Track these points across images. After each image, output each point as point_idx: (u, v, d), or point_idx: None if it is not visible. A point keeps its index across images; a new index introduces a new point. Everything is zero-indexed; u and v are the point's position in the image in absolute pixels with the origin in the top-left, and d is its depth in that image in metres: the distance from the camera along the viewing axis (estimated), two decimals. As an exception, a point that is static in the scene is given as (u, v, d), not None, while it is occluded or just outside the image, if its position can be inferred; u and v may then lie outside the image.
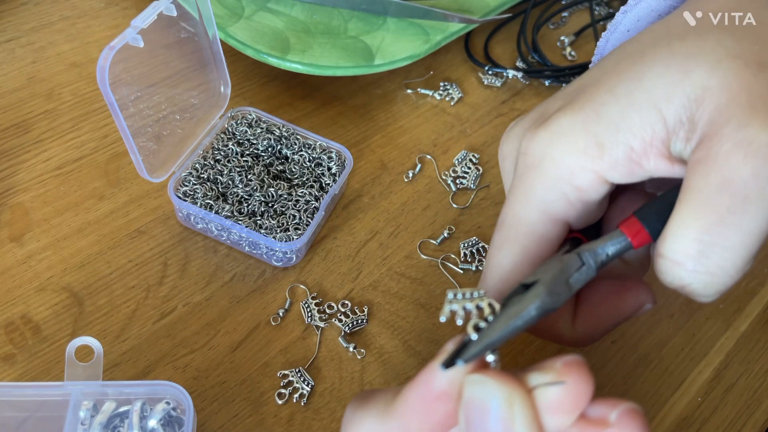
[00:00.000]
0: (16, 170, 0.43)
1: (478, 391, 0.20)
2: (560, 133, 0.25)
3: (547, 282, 0.22)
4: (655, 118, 0.23)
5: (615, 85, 0.24)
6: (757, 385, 0.40)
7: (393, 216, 0.44)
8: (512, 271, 0.26)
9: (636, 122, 0.23)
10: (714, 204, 0.21)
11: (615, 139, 0.24)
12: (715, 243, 0.21)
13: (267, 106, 0.48)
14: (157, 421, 0.31)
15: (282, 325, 0.39)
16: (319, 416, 0.36)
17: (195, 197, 0.40)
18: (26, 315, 0.37)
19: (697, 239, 0.22)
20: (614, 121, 0.24)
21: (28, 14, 0.51)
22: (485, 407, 0.20)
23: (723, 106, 0.22)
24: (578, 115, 0.24)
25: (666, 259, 0.22)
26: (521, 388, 0.20)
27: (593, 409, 0.20)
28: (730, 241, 0.21)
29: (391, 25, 0.49)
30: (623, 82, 0.24)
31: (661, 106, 0.23)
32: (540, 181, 0.25)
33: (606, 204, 0.27)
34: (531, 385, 0.20)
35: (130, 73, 0.37)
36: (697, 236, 0.22)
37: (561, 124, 0.25)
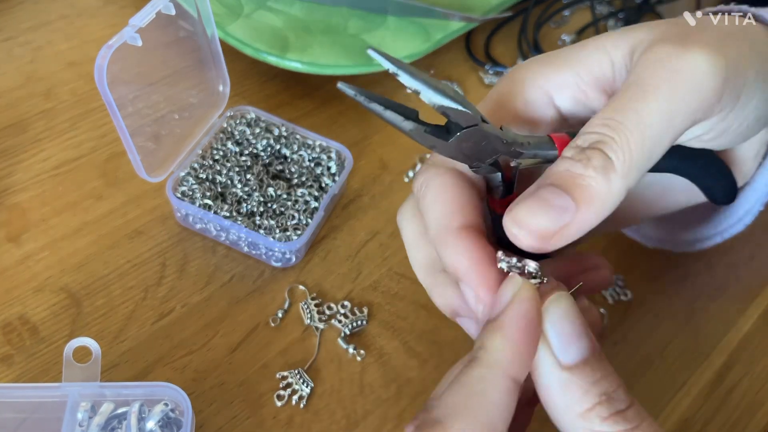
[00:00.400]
0: (14, 170, 0.43)
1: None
2: (527, 63, 0.29)
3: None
4: (603, 57, 0.27)
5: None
6: (759, 386, 0.40)
7: (393, 216, 0.44)
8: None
9: (587, 57, 0.28)
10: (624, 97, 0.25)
11: (568, 66, 0.28)
12: (616, 124, 0.24)
13: (266, 106, 0.48)
14: (155, 422, 0.31)
15: (281, 326, 0.38)
16: (318, 418, 0.36)
17: (193, 197, 0.40)
18: (24, 316, 0.37)
19: (603, 119, 0.24)
20: (569, 56, 0.28)
21: (25, 13, 0.51)
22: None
23: (655, 41, 0.26)
24: (546, 56, 0.29)
25: (577, 137, 0.25)
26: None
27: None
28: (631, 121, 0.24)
29: (391, 24, 0.49)
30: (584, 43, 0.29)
31: (608, 49, 0.27)
32: (499, 86, 0.29)
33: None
34: None
35: (129, 72, 0.36)
36: (603, 118, 0.24)
37: (531, 60, 0.30)
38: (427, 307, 0.40)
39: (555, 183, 0.24)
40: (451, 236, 0.26)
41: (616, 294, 0.42)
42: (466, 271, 0.25)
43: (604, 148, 0.23)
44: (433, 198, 0.27)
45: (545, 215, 0.23)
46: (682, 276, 0.44)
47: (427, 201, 0.27)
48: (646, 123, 0.24)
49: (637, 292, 0.42)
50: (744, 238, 0.46)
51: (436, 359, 0.38)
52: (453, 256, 0.26)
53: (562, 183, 0.23)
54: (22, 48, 0.49)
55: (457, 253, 0.25)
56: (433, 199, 0.27)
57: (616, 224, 0.37)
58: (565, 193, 0.23)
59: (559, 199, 0.23)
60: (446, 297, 0.29)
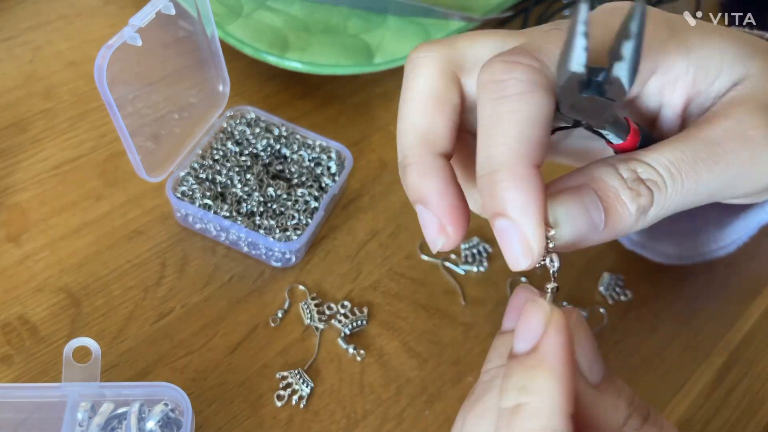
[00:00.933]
0: (14, 170, 0.43)
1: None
2: None
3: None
4: (684, 61, 0.26)
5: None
6: (759, 386, 0.40)
7: (393, 216, 0.44)
8: None
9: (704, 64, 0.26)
10: (696, 150, 0.24)
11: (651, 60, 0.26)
12: (677, 176, 0.24)
13: (266, 105, 0.48)
14: (155, 422, 0.31)
15: (281, 326, 0.38)
16: (318, 418, 0.36)
17: (193, 197, 0.40)
18: (23, 316, 0.37)
19: (669, 163, 0.24)
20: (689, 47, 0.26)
21: (25, 13, 0.51)
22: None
23: (746, 97, 0.25)
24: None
25: (639, 162, 0.24)
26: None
27: None
28: (689, 181, 0.24)
29: (391, 24, 0.49)
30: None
31: (692, 57, 0.26)
32: None
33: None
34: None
35: (128, 72, 0.36)
36: (670, 161, 0.24)
37: None
38: (427, 307, 0.40)
39: (601, 196, 0.23)
40: (525, 177, 0.22)
41: (615, 294, 0.42)
42: (524, 214, 0.22)
43: (656, 193, 0.23)
44: (516, 116, 0.22)
45: (581, 224, 0.23)
46: (682, 276, 0.44)
47: (504, 112, 0.22)
48: (701, 190, 0.24)
49: (637, 292, 0.42)
50: (744, 238, 0.46)
51: (436, 359, 0.38)
52: (518, 198, 0.22)
53: (605, 199, 0.23)
54: (21, 48, 0.49)
55: (524, 198, 0.22)
56: (516, 117, 0.22)
57: None
58: (604, 211, 0.23)
59: (596, 213, 0.23)
60: (423, 181, 0.25)
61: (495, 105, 0.22)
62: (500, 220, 0.22)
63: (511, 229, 0.22)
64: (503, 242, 0.23)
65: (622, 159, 0.24)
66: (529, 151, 0.22)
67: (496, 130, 0.22)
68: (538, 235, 0.22)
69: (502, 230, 0.22)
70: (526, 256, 0.22)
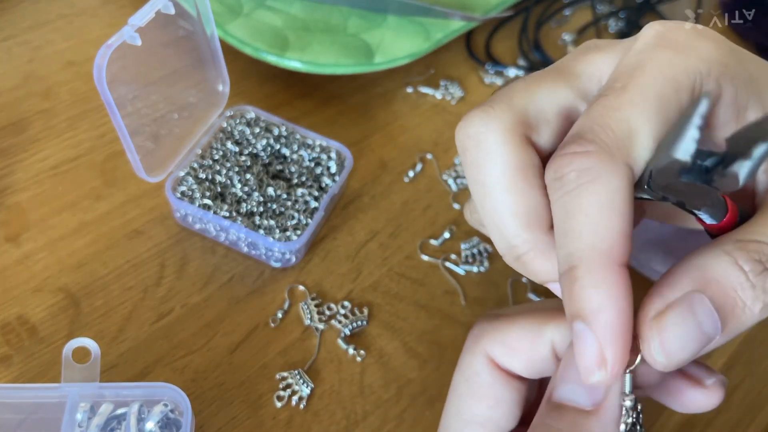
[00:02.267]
0: (13, 170, 0.42)
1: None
2: None
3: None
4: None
5: None
6: (760, 387, 0.40)
7: (393, 216, 0.44)
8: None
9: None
10: None
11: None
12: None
13: (266, 105, 0.48)
14: (154, 423, 0.31)
15: (281, 327, 0.38)
16: (318, 419, 0.35)
17: (193, 197, 0.40)
18: (22, 316, 0.37)
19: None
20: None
21: (25, 12, 0.51)
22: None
23: None
24: None
25: (763, 245, 0.20)
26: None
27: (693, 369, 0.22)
28: None
29: (391, 23, 0.49)
30: None
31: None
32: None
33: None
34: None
35: (128, 71, 0.36)
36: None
37: None
38: (427, 307, 0.40)
39: (714, 299, 0.19)
40: (606, 274, 0.19)
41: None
42: (608, 323, 0.19)
43: None
44: (585, 209, 0.19)
45: (693, 342, 0.19)
46: (683, 276, 0.43)
47: (572, 207, 0.20)
48: None
49: (638, 292, 0.42)
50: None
51: (436, 360, 0.38)
52: (597, 299, 0.19)
53: (720, 301, 0.19)
54: (20, 47, 0.49)
55: (604, 299, 0.19)
56: (585, 210, 0.19)
57: None
58: (719, 316, 0.19)
59: (710, 323, 0.19)
60: (551, 262, 0.22)
61: (562, 202, 0.20)
62: (578, 323, 0.20)
63: (588, 336, 0.19)
64: (579, 349, 0.20)
65: (739, 244, 0.20)
66: (609, 242, 0.19)
67: (570, 226, 0.20)
68: (621, 351, 0.19)
69: (579, 334, 0.20)
70: (599, 367, 0.19)
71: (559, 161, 0.20)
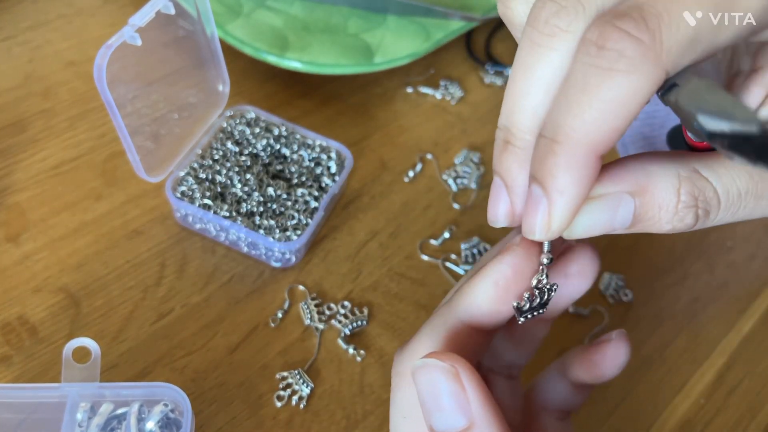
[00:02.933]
0: (13, 170, 0.42)
1: (425, 375, 0.21)
2: None
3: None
4: None
5: None
6: (760, 386, 0.40)
7: (393, 216, 0.44)
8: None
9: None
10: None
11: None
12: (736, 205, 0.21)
13: (266, 105, 0.48)
14: (154, 423, 0.31)
15: (281, 327, 0.38)
16: (318, 418, 0.35)
17: (193, 197, 0.40)
18: (23, 316, 0.37)
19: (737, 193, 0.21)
20: None
21: (24, 12, 0.51)
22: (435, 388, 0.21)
23: None
24: None
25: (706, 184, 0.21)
26: (464, 361, 0.21)
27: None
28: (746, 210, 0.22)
29: (391, 23, 0.49)
30: None
31: None
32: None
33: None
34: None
35: (128, 71, 0.36)
36: (740, 190, 0.21)
37: None
38: (427, 307, 0.40)
39: (640, 206, 0.22)
40: (582, 166, 0.20)
41: (616, 294, 0.42)
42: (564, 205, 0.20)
43: (702, 219, 0.21)
44: (617, 99, 0.19)
45: (598, 229, 0.22)
46: (682, 276, 0.44)
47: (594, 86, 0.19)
48: (755, 215, 0.22)
49: (638, 292, 0.42)
50: (744, 238, 0.46)
51: (436, 360, 0.38)
52: (565, 182, 0.20)
53: (643, 211, 0.21)
54: (20, 47, 0.49)
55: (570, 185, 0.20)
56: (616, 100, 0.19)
57: None
58: (632, 218, 0.22)
59: (623, 221, 0.22)
60: (520, 169, 0.22)
61: (586, 71, 0.19)
62: (537, 188, 0.21)
63: (542, 203, 0.21)
64: (529, 208, 0.21)
65: (692, 176, 0.21)
66: (602, 137, 0.19)
67: (578, 99, 0.19)
68: (563, 224, 0.21)
69: (533, 197, 0.21)
70: (542, 233, 0.21)
71: (609, 30, 0.18)
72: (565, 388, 0.29)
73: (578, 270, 0.26)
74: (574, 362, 0.28)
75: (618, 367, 0.27)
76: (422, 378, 0.21)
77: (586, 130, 0.19)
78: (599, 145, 0.19)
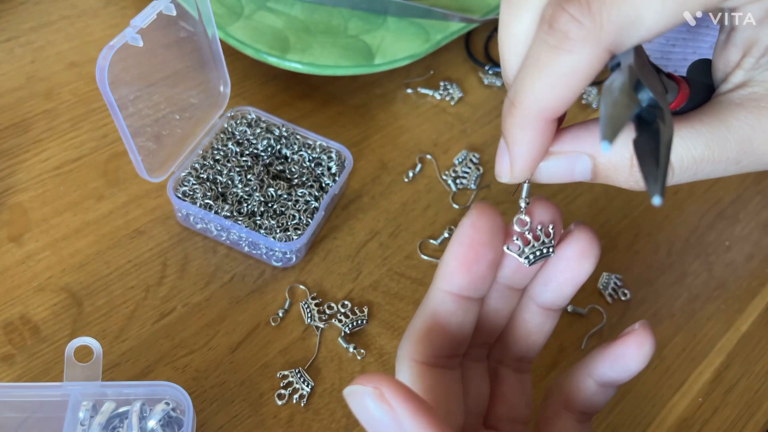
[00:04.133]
0: (15, 170, 0.43)
1: (355, 400, 0.21)
2: None
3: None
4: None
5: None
6: (758, 385, 0.40)
7: (393, 216, 0.44)
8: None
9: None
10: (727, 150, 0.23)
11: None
12: (691, 170, 0.23)
13: (266, 106, 0.48)
14: (156, 421, 0.31)
15: (282, 326, 0.39)
16: (318, 417, 0.36)
17: (194, 197, 0.40)
18: (25, 315, 0.37)
19: (692, 161, 0.23)
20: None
21: (27, 13, 0.51)
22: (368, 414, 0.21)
23: None
24: None
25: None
26: (389, 379, 0.21)
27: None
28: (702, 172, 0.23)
29: (391, 25, 0.49)
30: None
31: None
32: None
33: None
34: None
35: (130, 72, 0.37)
36: (694, 158, 0.23)
37: None
38: (427, 306, 0.40)
39: (598, 166, 0.24)
40: (534, 127, 0.22)
41: (614, 293, 0.42)
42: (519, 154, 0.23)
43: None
44: (562, 73, 0.21)
45: (559, 178, 0.24)
46: (680, 275, 0.44)
47: (545, 61, 0.21)
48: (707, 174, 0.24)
49: (636, 291, 0.42)
50: (742, 238, 0.46)
51: (435, 359, 0.38)
52: (520, 138, 0.23)
53: (599, 170, 0.24)
54: (23, 48, 0.49)
55: (524, 141, 0.23)
56: (561, 74, 0.21)
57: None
58: (592, 174, 0.24)
59: (582, 175, 0.24)
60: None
61: (539, 45, 0.21)
62: (503, 140, 0.24)
63: (504, 153, 0.24)
64: (497, 156, 0.25)
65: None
66: (551, 104, 0.22)
67: (531, 70, 0.21)
68: (522, 171, 0.24)
69: (501, 147, 0.24)
70: (506, 177, 0.24)
71: (558, 11, 0.21)
72: (590, 387, 0.28)
73: (579, 251, 0.26)
74: (600, 359, 0.28)
75: (644, 358, 0.27)
76: (354, 404, 0.22)
77: (535, 97, 0.22)
78: (547, 111, 0.22)
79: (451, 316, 0.26)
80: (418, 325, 0.26)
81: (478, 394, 0.28)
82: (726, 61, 0.24)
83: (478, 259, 0.25)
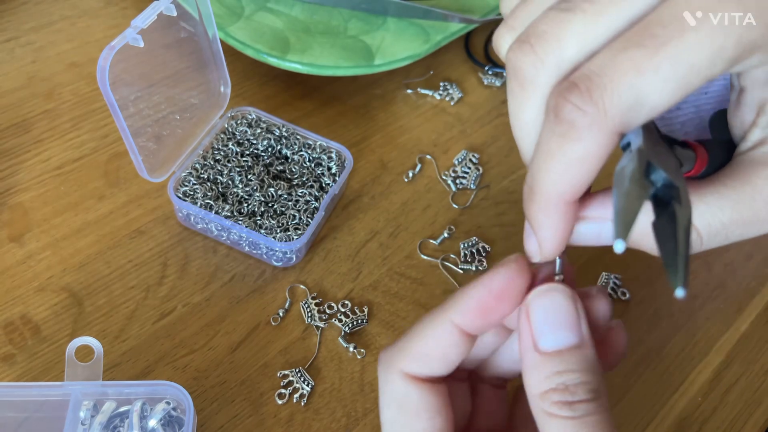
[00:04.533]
0: (16, 170, 0.43)
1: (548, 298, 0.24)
2: None
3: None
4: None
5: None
6: (757, 385, 0.40)
7: (393, 216, 0.44)
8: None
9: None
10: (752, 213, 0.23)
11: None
12: (719, 237, 0.23)
13: (267, 106, 0.48)
14: (157, 421, 0.31)
15: (282, 326, 0.39)
16: (319, 416, 0.36)
17: (195, 197, 0.40)
18: (26, 315, 0.37)
19: (720, 227, 0.23)
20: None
21: (27, 14, 0.51)
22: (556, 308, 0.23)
23: None
24: None
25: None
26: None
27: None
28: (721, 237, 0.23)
29: (391, 25, 0.49)
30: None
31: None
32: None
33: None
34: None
35: (130, 73, 0.37)
36: (723, 223, 0.23)
37: None
38: (426, 306, 0.40)
39: None
40: (555, 212, 0.23)
41: (614, 293, 0.42)
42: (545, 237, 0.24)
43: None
44: (573, 160, 0.21)
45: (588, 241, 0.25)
46: (680, 276, 0.44)
47: (560, 151, 0.21)
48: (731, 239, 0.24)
49: (636, 291, 0.43)
50: (742, 238, 0.46)
51: (435, 358, 0.38)
52: (542, 222, 0.23)
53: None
54: (24, 48, 0.49)
55: (547, 225, 0.23)
56: (573, 160, 0.21)
57: None
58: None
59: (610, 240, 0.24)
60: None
61: (548, 134, 0.22)
62: (527, 223, 0.25)
63: (531, 235, 0.25)
64: (525, 238, 0.25)
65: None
66: (567, 189, 0.22)
67: (544, 158, 0.22)
68: (551, 250, 0.24)
69: (525, 228, 0.25)
70: (537, 256, 0.25)
71: (561, 102, 0.21)
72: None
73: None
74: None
75: (617, 356, 0.27)
76: (544, 301, 0.24)
77: (552, 184, 0.22)
78: (566, 195, 0.22)
79: (451, 346, 0.26)
80: (417, 342, 0.26)
81: (462, 412, 0.28)
82: (741, 120, 0.24)
83: (498, 311, 0.25)
